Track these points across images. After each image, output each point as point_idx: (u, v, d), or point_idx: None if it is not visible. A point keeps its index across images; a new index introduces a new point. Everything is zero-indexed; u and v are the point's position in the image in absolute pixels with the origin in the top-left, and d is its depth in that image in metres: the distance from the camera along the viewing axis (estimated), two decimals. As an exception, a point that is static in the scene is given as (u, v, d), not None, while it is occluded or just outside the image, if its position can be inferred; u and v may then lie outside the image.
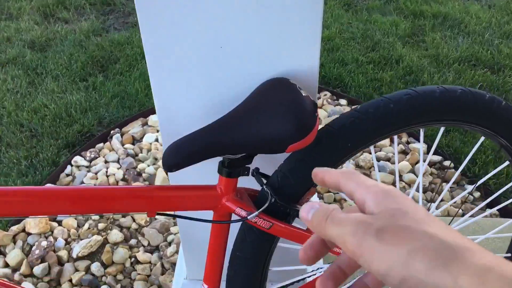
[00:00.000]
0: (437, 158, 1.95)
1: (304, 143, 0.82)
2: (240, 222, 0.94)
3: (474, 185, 1.14)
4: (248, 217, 0.88)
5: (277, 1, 0.83)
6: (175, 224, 1.76)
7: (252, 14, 0.85)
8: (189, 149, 0.82)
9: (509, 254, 1.24)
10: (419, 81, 2.32)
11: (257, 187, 1.03)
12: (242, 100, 0.94)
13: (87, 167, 2.03)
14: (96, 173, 1.98)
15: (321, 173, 0.42)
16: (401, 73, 2.38)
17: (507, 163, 1.11)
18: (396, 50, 2.54)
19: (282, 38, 0.87)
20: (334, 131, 0.91)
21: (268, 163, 1.02)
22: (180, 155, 0.82)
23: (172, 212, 0.88)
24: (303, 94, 0.83)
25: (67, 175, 1.99)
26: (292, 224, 0.94)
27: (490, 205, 1.82)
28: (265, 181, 0.94)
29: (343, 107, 2.24)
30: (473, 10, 2.90)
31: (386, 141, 2.04)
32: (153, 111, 2.28)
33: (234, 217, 0.92)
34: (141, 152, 2.07)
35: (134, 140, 2.14)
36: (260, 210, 0.88)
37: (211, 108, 0.97)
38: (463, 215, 1.77)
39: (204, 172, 1.04)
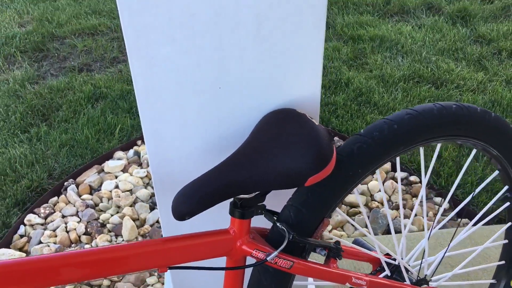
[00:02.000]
0: (403, 174, 1.98)
1: (324, 173, 0.78)
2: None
3: (472, 194, 1.15)
4: (268, 259, 0.82)
5: (278, 29, 0.81)
6: (151, 275, 1.65)
7: (251, 46, 0.81)
8: (203, 193, 0.76)
9: (503, 262, 1.26)
10: (370, 101, 2.38)
11: (263, 224, 0.97)
12: (244, 137, 0.89)
13: (42, 224, 1.86)
14: (54, 230, 1.82)
15: None
16: (353, 95, 2.43)
17: (497, 172, 1.14)
18: (343, 74, 2.60)
19: (284, 68, 0.84)
20: (343, 158, 0.88)
21: (272, 197, 0.97)
22: (193, 200, 0.76)
23: (185, 264, 0.81)
24: (316, 124, 0.80)
25: (21, 236, 1.81)
26: (309, 260, 0.89)
27: (459, 215, 1.87)
28: (275, 218, 0.89)
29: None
30: (406, 31, 3.05)
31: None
32: (107, 157, 2.16)
33: (249, 260, 0.86)
34: (101, 202, 1.93)
35: (92, 190, 2.00)
36: (280, 249, 0.82)
37: (209, 149, 0.91)
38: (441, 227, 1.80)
39: (208, 215, 0.98)
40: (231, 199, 0.83)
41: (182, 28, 0.78)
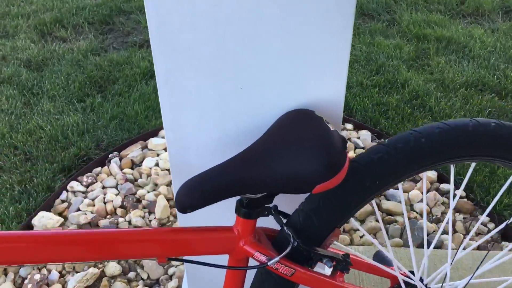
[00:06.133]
0: (447, 186, 1.88)
1: (333, 183, 0.74)
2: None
3: (506, 221, 1.07)
4: (269, 263, 0.80)
5: (302, 26, 0.77)
6: (176, 255, 1.67)
7: (274, 41, 0.78)
8: (206, 188, 0.74)
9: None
10: (425, 106, 2.27)
11: (274, 225, 0.95)
12: (262, 133, 0.87)
13: (83, 192, 1.93)
14: (93, 200, 1.89)
15: None
16: (407, 97, 2.33)
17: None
18: (401, 74, 2.49)
19: (306, 66, 0.81)
20: (361, 167, 0.84)
21: (287, 199, 0.94)
22: (196, 194, 0.74)
23: (185, 257, 0.80)
24: (331, 129, 0.77)
25: (63, 201, 1.89)
26: (315, 270, 0.86)
27: (505, 236, 1.75)
28: (284, 221, 0.87)
29: (349, 131, 2.17)
30: (477, 34, 2.87)
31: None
32: (153, 134, 2.20)
33: (251, 261, 0.85)
34: (141, 177, 1.98)
35: (133, 165, 2.06)
36: (282, 255, 0.80)
37: (227, 141, 0.90)
38: (478, 248, 1.70)
39: (218, 211, 0.97)
40: (238, 197, 0.81)
41: (204, 17, 0.77)
